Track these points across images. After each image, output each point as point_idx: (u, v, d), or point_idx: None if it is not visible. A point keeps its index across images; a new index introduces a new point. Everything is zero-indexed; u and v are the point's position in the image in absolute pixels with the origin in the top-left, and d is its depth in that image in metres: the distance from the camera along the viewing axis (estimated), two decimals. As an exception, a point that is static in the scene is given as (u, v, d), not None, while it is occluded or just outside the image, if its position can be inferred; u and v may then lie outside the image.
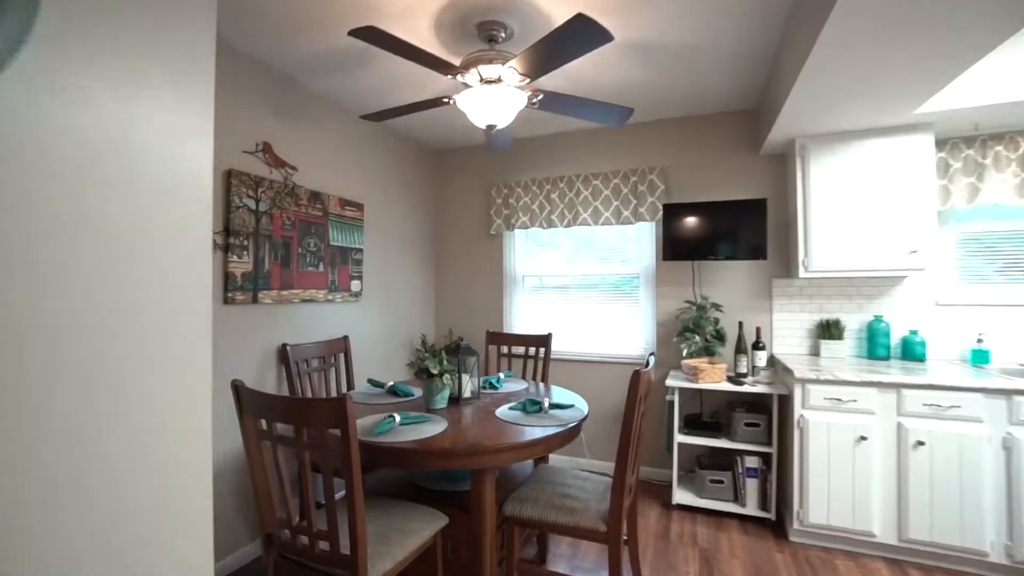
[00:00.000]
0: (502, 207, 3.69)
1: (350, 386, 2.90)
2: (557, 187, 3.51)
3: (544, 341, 2.99)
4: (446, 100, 2.24)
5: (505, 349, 3.15)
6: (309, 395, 2.63)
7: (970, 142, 2.65)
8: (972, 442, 2.20)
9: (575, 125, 3.46)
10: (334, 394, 2.79)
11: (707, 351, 3.01)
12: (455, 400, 2.21)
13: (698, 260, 3.08)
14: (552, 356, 3.48)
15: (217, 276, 2.24)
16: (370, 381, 2.52)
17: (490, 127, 2.17)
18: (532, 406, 2.04)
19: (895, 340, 2.81)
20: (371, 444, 1.66)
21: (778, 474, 2.70)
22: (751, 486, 2.71)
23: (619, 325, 3.48)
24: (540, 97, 2.22)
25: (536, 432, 1.78)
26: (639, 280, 3.42)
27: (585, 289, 3.59)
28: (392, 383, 2.44)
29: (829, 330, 2.88)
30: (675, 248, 3.06)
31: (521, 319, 3.77)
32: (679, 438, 2.83)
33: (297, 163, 2.70)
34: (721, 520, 2.73)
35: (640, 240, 3.42)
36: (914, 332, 2.72)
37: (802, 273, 2.72)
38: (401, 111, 2.35)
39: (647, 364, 1.88)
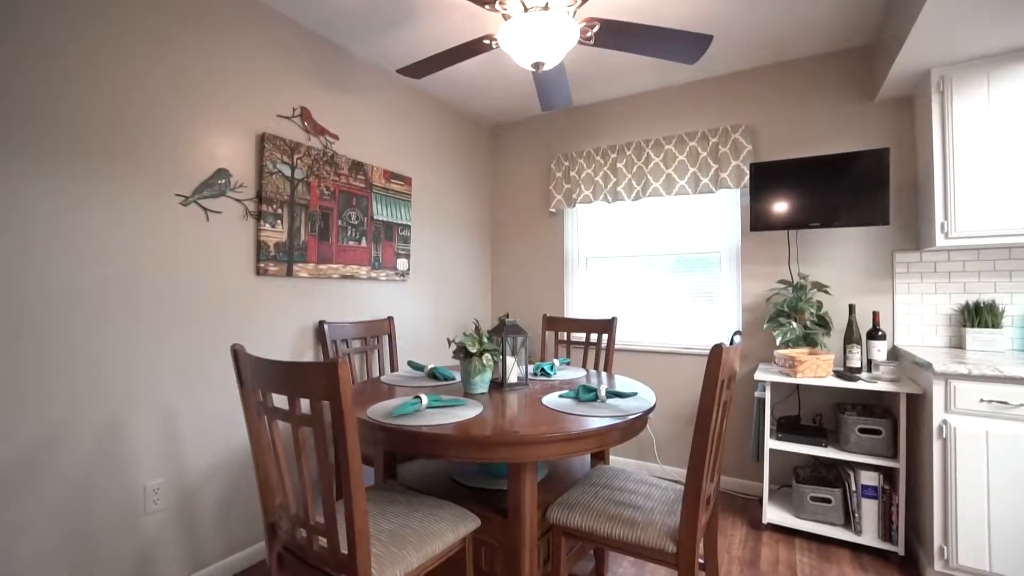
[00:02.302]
0: (563, 181, 3.35)
1: (393, 369, 2.70)
2: (624, 155, 3.11)
3: (608, 327, 2.61)
4: (487, 41, 1.95)
5: (564, 336, 2.81)
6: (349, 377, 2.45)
7: None
8: None
9: (641, 84, 3.04)
10: (376, 375, 2.60)
11: (807, 340, 2.47)
12: (498, 385, 1.92)
13: (796, 230, 2.55)
14: (617, 346, 3.11)
15: (248, 244, 2.11)
16: (410, 363, 2.29)
17: (537, 66, 1.85)
18: (586, 394, 1.69)
19: (1079, 328, 2.13)
20: (387, 427, 1.40)
21: (907, 496, 2.13)
22: (868, 509, 2.16)
23: (696, 311, 3.01)
24: (596, 28, 1.87)
25: (588, 423, 1.44)
26: (720, 258, 2.92)
27: (656, 271, 3.15)
28: (432, 366, 2.19)
29: (980, 315, 2.24)
30: (766, 216, 2.56)
31: (583, 304, 3.40)
32: (771, 444, 2.33)
33: (338, 131, 2.55)
34: (828, 548, 2.20)
35: (722, 211, 2.93)
36: (1108, 318, 2.03)
37: (940, 241, 2.13)
38: (442, 60, 2.10)
39: (731, 342, 1.47)
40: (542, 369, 2.21)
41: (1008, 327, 2.25)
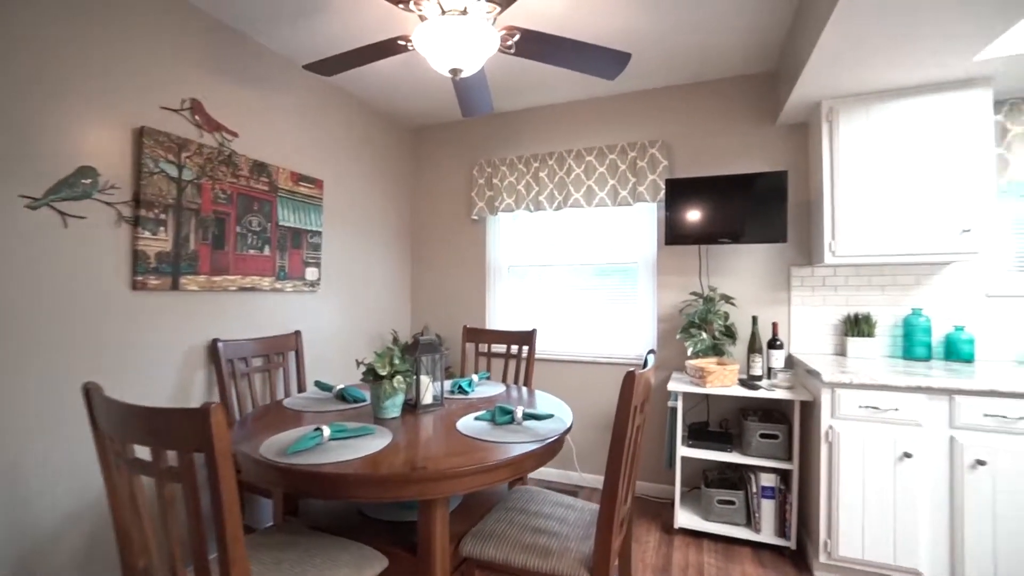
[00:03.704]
0: (485, 188, 3.29)
1: (300, 389, 2.50)
2: (546, 165, 3.11)
3: (528, 338, 2.59)
4: (402, 42, 1.84)
5: (484, 347, 2.75)
6: (248, 400, 2.23)
7: (1029, 104, 2.25)
8: (1043, 461, 1.80)
9: (565, 94, 3.06)
10: (281, 397, 2.39)
11: (715, 350, 2.61)
12: (412, 407, 1.82)
13: (706, 244, 2.67)
14: (538, 356, 3.10)
15: (123, 254, 1.84)
16: (317, 384, 2.12)
17: (454, 72, 1.77)
18: (502, 416, 1.64)
19: (937, 338, 2.41)
20: (281, 467, 1.26)
21: (800, 495, 2.30)
22: (767, 508, 2.31)
23: (615, 321, 3.07)
24: (517, 37, 1.82)
25: (504, 451, 1.38)
26: (637, 270, 3.01)
27: (576, 281, 3.18)
28: (342, 387, 2.04)
29: (858, 326, 2.47)
30: (679, 231, 2.66)
31: (505, 314, 3.36)
32: (683, 451, 2.43)
33: (238, 128, 2.31)
34: (732, 548, 2.33)
35: (639, 224, 3.01)
36: (960, 328, 2.32)
37: (828, 259, 2.32)
38: (353, 58, 1.95)
39: (645, 364, 1.48)
40: (460, 386, 2.14)
41: (880, 336, 2.50)
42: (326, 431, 1.42)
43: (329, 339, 2.85)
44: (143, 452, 0.99)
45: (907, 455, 1.93)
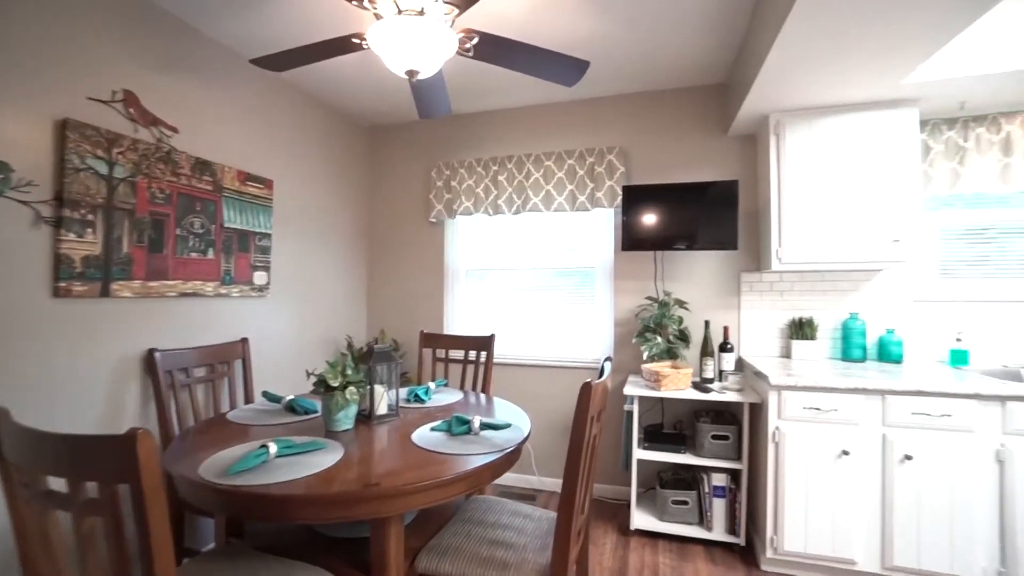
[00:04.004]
0: (443, 190, 3.24)
1: (248, 400, 2.38)
2: (505, 168, 3.10)
3: (486, 344, 2.57)
4: (357, 40, 1.78)
5: (442, 353, 2.70)
6: (190, 413, 2.10)
7: (952, 123, 2.42)
8: (964, 455, 1.94)
9: (525, 98, 3.06)
10: (226, 409, 2.27)
11: (670, 353, 2.67)
12: (366, 418, 1.76)
13: (661, 250, 2.73)
14: (497, 361, 3.08)
15: (42, 258, 1.68)
16: (265, 395, 2.02)
17: (411, 74, 1.72)
18: (459, 426, 1.61)
19: (871, 340, 2.56)
20: (223, 489, 1.18)
21: (748, 494, 2.38)
22: (718, 507, 2.38)
23: (573, 325, 3.10)
24: (475, 40, 1.79)
25: (460, 464, 1.36)
26: (595, 274, 3.05)
27: (535, 285, 3.19)
28: (291, 397, 1.95)
29: (802, 329, 2.60)
30: (635, 237, 2.71)
31: (464, 318, 3.33)
32: (639, 454, 2.47)
33: (178, 123, 2.16)
34: (685, 547, 2.39)
35: (596, 229, 3.05)
36: (891, 331, 2.47)
37: (775, 266, 2.42)
38: (305, 55, 1.87)
39: (601, 373, 1.49)
40: (416, 394, 2.09)
41: (822, 338, 2.64)
42: (272, 448, 1.35)
43: (280, 346, 2.73)
44: (58, 483, 0.90)
45: (845, 453, 2.04)
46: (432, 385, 2.24)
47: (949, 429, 1.96)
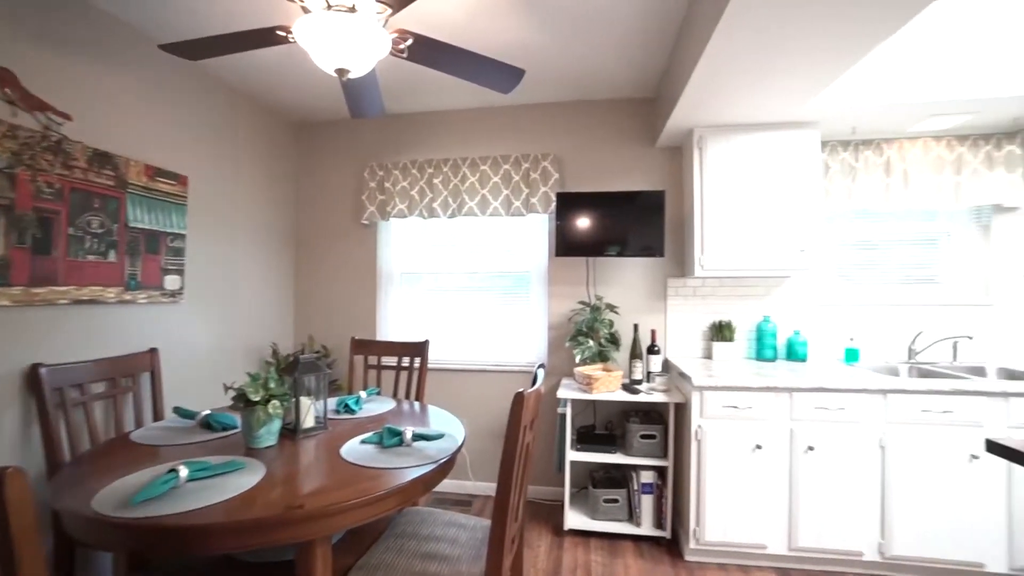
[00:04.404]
0: (376, 192, 3.15)
1: (157, 417, 2.18)
2: (441, 171, 3.06)
3: (420, 350, 2.52)
4: (282, 33, 1.68)
5: (374, 360, 2.62)
6: (85, 435, 1.88)
7: (846, 145, 2.69)
8: (855, 443, 2.16)
9: (461, 101, 3.04)
10: (130, 429, 2.06)
11: (601, 356, 2.76)
12: (292, 432, 1.67)
13: (593, 256, 2.82)
14: (432, 366, 3.04)
15: None
16: (176, 411, 1.86)
17: (341, 72, 1.66)
18: (390, 438, 1.57)
19: (781, 341, 2.79)
20: (122, 523, 1.07)
21: (674, 489, 2.51)
22: (646, 503, 2.49)
23: (508, 329, 3.12)
24: (410, 42, 1.75)
25: (391, 478, 1.32)
26: (530, 279, 3.08)
27: (470, 290, 3.17)
28: (207, 412, 1.81)
29: (722, 332, 2.78)
30: (569, 243, 2.77)
31: (397, 323, 3.25)
32: (571, 455, 2.53)
33: (71, 109, 1.94)
34: (616, 543, 2.48)
35: (532, 234, 3.09)
36: (797, 332, 2.71)
37: (698, 272, 2.57)
38: (223, 44, 1.74)
39: (534, 381, 1.51)
40: (346, 405, 2.02)
41: (739, 340, 2.84)
42: (183, 471, 1.25)
43: (195, 356, 2.52)
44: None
45: (758, 447, 2.20)
46: (363, 394, 2.16)
47: (843, 421, 2.17)
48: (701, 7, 1.82)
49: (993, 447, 1.37)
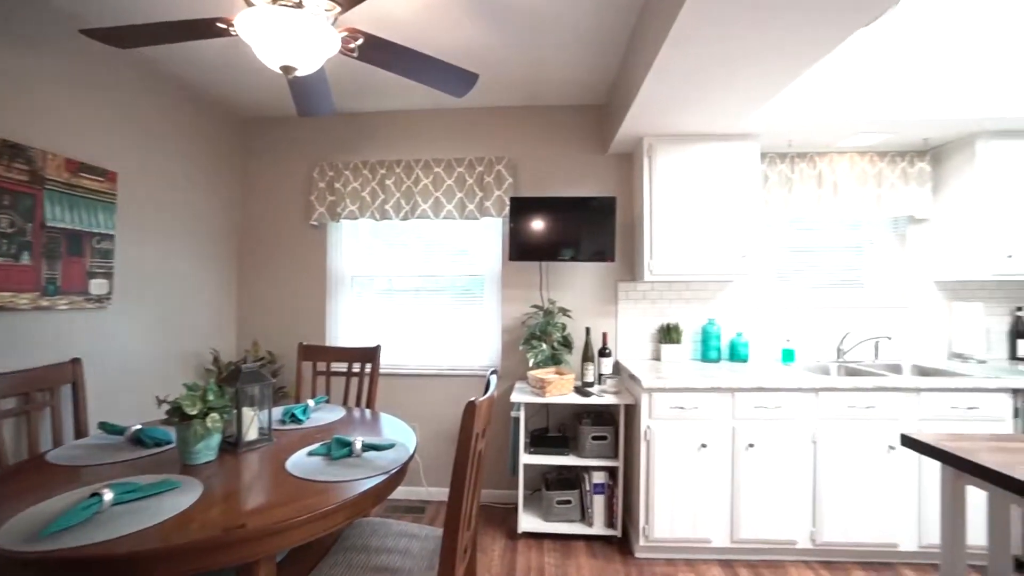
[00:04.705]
0: (326, 192, 3.05)
1: (80, 434, 2.01)
2: (393, 172, 3.00)
3: (371, 355, 2.46)
4: (223, 25, 1.60)
5: (324, 366, 2.53)
6: (-7, 452, 1.71)
7: (783, 157, 2.86)
8: (790, 440, 2.29)
9: (415, 102, 2.99)
10: (48, 448, 1.89)
11: (554, 359, 2.79)
12: (233, 446, 1.58)
13: (546, 261, 2.85)
14: (385, 371, 2.98)
15: None
16: (102, 426, 1.72)
17: (287, 70, 1.59)
18: (339, 449, 1.52)
19: (725, 342, 2.92)
20: (31, 558, 0.98)
21: (624, 489, 2.57)
22: (598, 503, 2.54)
23: (462, 333, 3.10)
24: (360, 41, 1.71)
25: (340, 492, 1.28)
26: (484, 282, 3.08)
27: (423, 293, 3.13)
28: (138, 427, 1.69)
29: (670, 334, 2.88)
30: (523, 247, 2.79)
31: (348, 328, 3.16)
32: (525, 459, 2.55)
33: (-23, 97, 1.76)
34: (569, 544, 2.51)
35: (486, 238, 3.09)
36: (739, 334, 2.84)
37: (647, 276, 2.65)
38: (154, 33, 1.64)
39: (487, 387, 1.51)
40: (292, 415, 1.94)
41: (686, 342, 2.95)
42: (107, 494, 1.16)
43: (127, 366, 2.35)
44: None
45: (704, 445, 2.30)
46: (311, 403, 2.09)
47: (781, 419, 2.30)
48: (650, 22, 1.88)
49: (906, 441, 1.49)
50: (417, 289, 3.13)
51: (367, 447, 1.54)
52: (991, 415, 2.27)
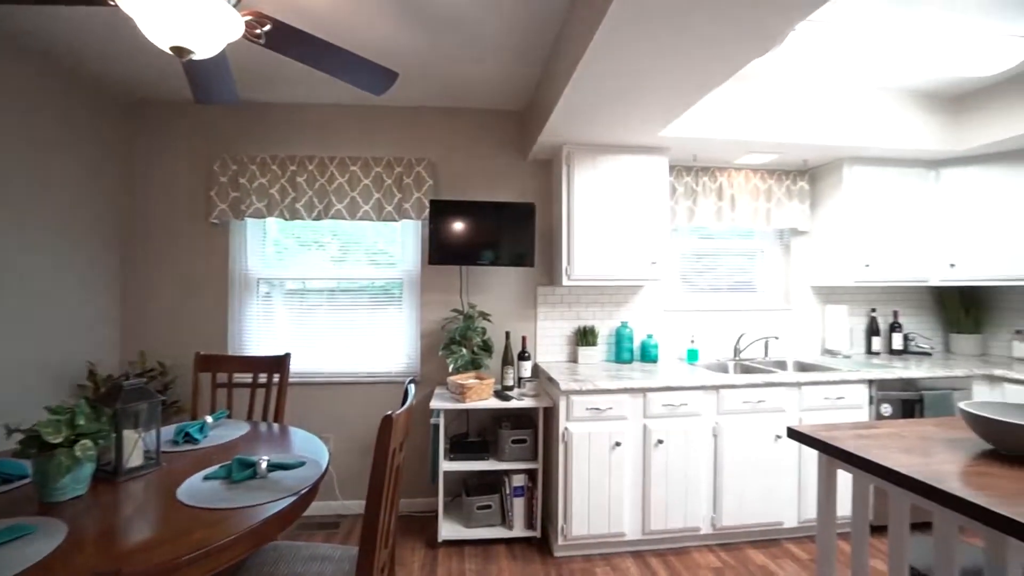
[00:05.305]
0: (228, 187, 2.80)
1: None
2: (306, 169, 2.82)
3: (279, 364, 2.29)
4: (99, -4, 1.40)
5: (225, 377, 2.32)
6: None
7: (689, 171, 3.08)
8: (695, 434, 2.47)
9: (331, 96, 2.83)
10: None
11: (474, 364, 2.78)
12: (111, 475, 1.39)
13: (466, 265, 2.83)
14: (296, 379, 2.81)
15: None
16: (-67, 459, 1.44)
17: (180, 52, 1.43)
18: (241, 471, 1.39)
19: (636, 344, 3.08)
20: None
21: (543, 490, 2.62)
22: (518, 506, 2.57)
23: (379, 338, 2.99)
24: (268, 28, 1.58)
25: (241, 519, 1.17)
26: (402, 286, 3.00)
27: (338, 297, 2.98)
28: (-16, 458, 1.43)
29: (586, 337, 2.98)
30: (442, 250, 2.74)
31: (254, 335, 2.92)
32: (445, 466, 2.51)
33: None
34: (490, 549, 2.51)
35: (405, 240, 3.00)
36: (650, 336, 3.01)
37: (565, 281, 2.72)
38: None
39: (405, 397, 1.46)
40: (186, 434, 1.75)
41: (601, 344, 3.07)
42: (-61, 546, 0.96)
43: (-35, 383, 1.99)
44: None
45: (617, 444, 2.40)
46: (209, 419, 1.90)
47: (686, 415, 2.47)
48: (571, 34, 1.93)
49: (791, 433, 1.66)
50: (332, 291, 2.97)
51: (273, 466, 1.43)
52: (853, 403, 2.61)
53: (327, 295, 2.97)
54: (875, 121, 2.74)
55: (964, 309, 3.27)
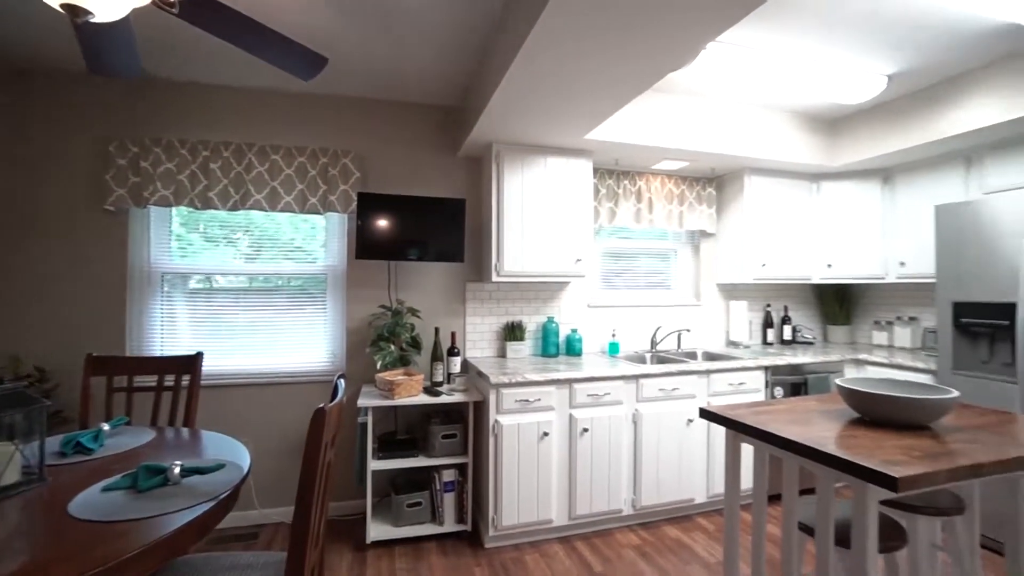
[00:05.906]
0: (128, 171, 2.53)
1: None
2: (220, 156, 2.62)
3: (189, 365, 2.12)
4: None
5: (123, 381, 2.10)
6: None
7: (611, 174, 3.25)
8: (616, 422, 2.62)
9: (252, 77, 2.65)
10: None
11: (403, 361, 2.74)
12: (-17, 492, 1.22)
13: (394, 260, 2.78)
14: (209, 382, 2.62)
15: None
16: None
17: (74, 12, 1.28)
18: (149, 479, 1.28)
19: (562, 338, 3.20)
20: None
21: (474, 483, 2.65)
22: (449, 501, 2.57)
23: (303, 336, 2.85)
24: (179, -2, 1.46)
25: (151, 528, 1.08)
26: (327, 281, 2.88)
27: (256, 293, 2.80)
28: None
29: (514, 332, 3.05)
30: (370, 245, 2.68)
31: (160, 336, 2.67)
32: (374, 465, 2.46)
33: None
34: (420, 546, 2.49)
35: (331, 233, 2.89)
36: (575, 330, 3.15)
37: (495, 277, 2.77)
38: None
39: (335, 392, 1.42)
40: (77, 443, 1.57)
41: (528, 339, 3.16)
42: None
43: None
44: None
45: (546, 434, 2.49)
46: (106, 427, 1.71)
47: (609, 404, 2.61)
48: (505, 33, 1.98)
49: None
50: (249, 288, 2.79)
51: (188, 471, 1.33)
52: (752, 387, 2.91)
53: (242, 291, 2.78)
54: (770, 137, 3.07)
55: (839, 304, 3.76)
